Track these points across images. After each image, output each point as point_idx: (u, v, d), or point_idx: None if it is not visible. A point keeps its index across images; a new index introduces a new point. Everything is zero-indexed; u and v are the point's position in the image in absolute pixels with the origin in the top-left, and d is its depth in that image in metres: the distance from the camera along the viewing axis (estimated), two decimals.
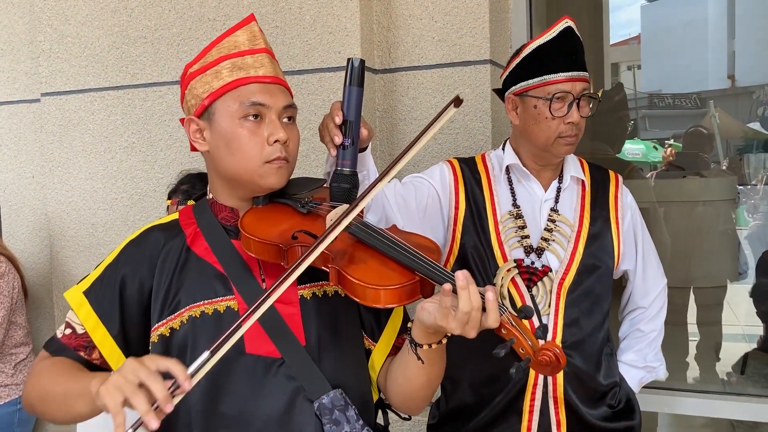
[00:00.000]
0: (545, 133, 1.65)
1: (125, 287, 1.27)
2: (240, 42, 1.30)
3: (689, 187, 4.44)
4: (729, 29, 11.64)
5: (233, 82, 1.25)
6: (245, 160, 1.25)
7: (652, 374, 1.84)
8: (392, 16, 2.23)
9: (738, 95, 11.62)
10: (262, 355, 1.23)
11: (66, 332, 1.28)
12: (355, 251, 1.22)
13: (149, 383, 0.98)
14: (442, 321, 1.09)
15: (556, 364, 1.09)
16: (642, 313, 1.85)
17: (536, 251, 1.69)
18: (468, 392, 1.72)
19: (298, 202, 1.32)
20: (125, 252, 1.31)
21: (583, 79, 1.64)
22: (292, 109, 1.30)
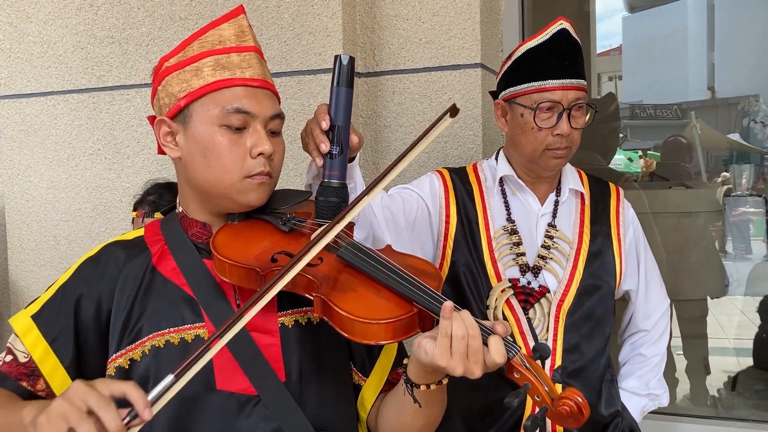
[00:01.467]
0: (532, 144, 1.51)
1: (80, 311, 1.11)
2: (226, 37, 1.14)
3: (674, 198, 4.35)
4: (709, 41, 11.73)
5: (216, 83, 1.09)
6: (223, 173, 1.09)
7: (655, 402, 1.71)
8: (377, 17, 2.09)
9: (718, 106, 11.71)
10: (235, 392, 1.07)
11: (6, 359, 1.10)
12: (343, 277, 1.05)
13: (100, 411, 0.81)
14: (441, 359, 0.94)
15: (578, 416, 0.93)
16: (644, 336, 1.72)
17: (533, 270, 1.55)
18: (459, 426, 1.57)
19: (279, 218, 1.16)
20: (81, 271, 1.15)
21: (577, 87, 1.49)
22: (280, 120, 1.14)
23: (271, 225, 1.15)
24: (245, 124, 1.09)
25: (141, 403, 0.83)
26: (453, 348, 0.93)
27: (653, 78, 12.80)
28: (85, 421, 0.81)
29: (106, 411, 0.81)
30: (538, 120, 1.48)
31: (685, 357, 3.97)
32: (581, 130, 1.53)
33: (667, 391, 1.72)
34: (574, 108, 1.49)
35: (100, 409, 0.81)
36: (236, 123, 1.08)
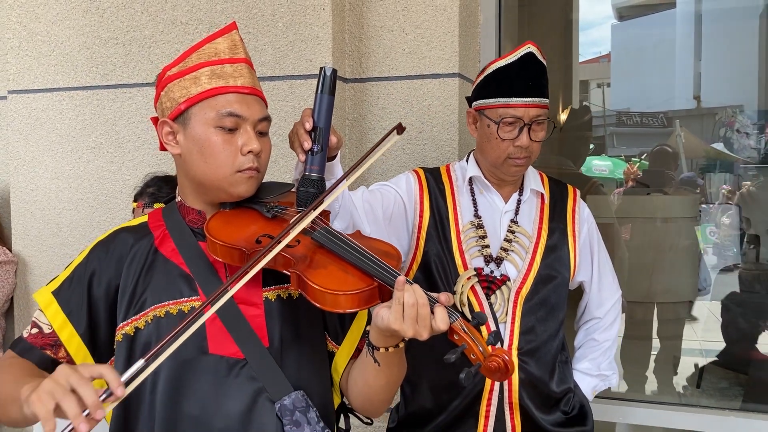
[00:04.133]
0: (495, 152, 1.72)
1: (93, 286, 1.31)
2: (220, 50, 1.33)
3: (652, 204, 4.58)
4: (696, 51, 11.94)
5: (212, 90, 1.29)
6: (217, 168, 1.29)
7: (605, 382, 1.93)
8: (364, 27, 2.30)
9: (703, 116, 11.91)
10: (225, 356, 1.27)
11: (33, 332, 1.30)
12: (316, 256, 1.26)
13: (80, 389, 0.99)
14: (394, 323, 1.13)
15: (504, 371, 1.14)
16: (597, 323, 1.93)
17: (495, 261, 1.76)
18: (427, 397, 1.78)
19: (264, 206, 1.36)
20: (94, 252, 1.35)
21: (537, 105, 1.70)
22: (267, 122, 1.34)
23: (257, 212, 1.36)
24: (237, 126, 1.29)
25: (115, 383, 1.01)
26: (405, 314, 1.13)
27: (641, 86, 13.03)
28: (69, 397, 0.98)
29: (85, 389, 0.99)
30: (501, 132, 1.69)
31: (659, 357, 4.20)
32: (540, 142, 1.74)
33: (616, 373, 1.94)
34: (535, 123, 1.69)
35: (80, 386, 0.99)
36: (229, 125, 1.28)
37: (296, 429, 1.26)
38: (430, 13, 2.23)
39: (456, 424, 1.74)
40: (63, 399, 0.98)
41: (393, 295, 1.15)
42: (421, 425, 1.79)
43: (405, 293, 1.13)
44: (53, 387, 1.00)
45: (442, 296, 1.16)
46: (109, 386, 1.01)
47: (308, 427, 1.27)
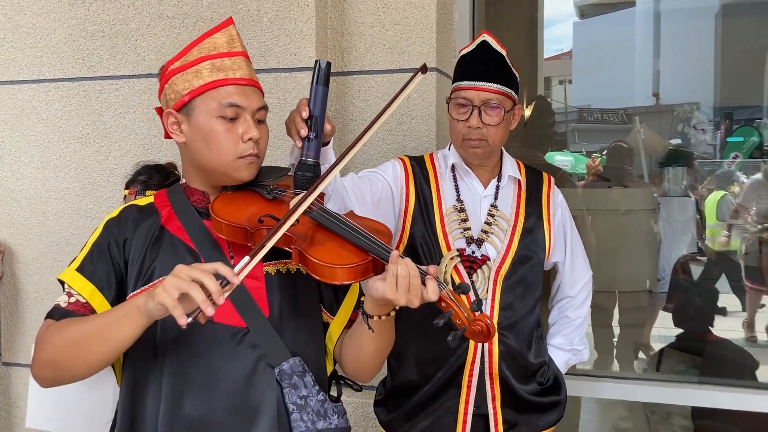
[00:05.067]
0: (454, 134, 1.88)
1: (114, 254, 1.41)
2: (219, 44, 1.44)
3: (614, 196, 4.80)
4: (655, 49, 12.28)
5: (213, 82, 1.39)
6: (221, 155, 1.40)
7: (577, 356, 2.09)
8: (346, 23, 2.42)
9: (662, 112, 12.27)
10: (228, 325, 1.38)
11: (70, 300, 1.38)
12: (315, 234, 1.39)
13: (203, 278, 1.13)
14: (389, 293, 1.26)
15: (486, 333, 1.29)
16: (569, 301, 2.09)
17: (476, 242, 1.91)
18: (413, 369, 1.91)
19: (264, 188, 1.48)
20: (107, 227, 1.45)
21: (489, 89, 1.82)
22: (264, 111, 1.46)
23: (257, 194, 1.48)
24: (237, 115, 1.40)
25: (230, 274, 1.16)
26: (398, 285, 1.26)
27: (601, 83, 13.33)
28: (194, 287, 1.13)
29: (208, 279, 1.14)
30: (453, 113, 1.85)
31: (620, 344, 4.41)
32: (499, 128, 1.86)
33: (587, 348, 2.10)
34: (487, 107, 1.82)
35: (203, 277, 1.14)
36: (230, 114, 1.40)
37: (294, 391, 1.38)
38: (408, 11, 2.36)
39: (440, 394, 1.88)
40: (189, 288, 1.12)
41: (387, 268, 1.27)
42: (407, 396, 1.92)
43: (398, 266, 1.26)
44: (177, 281, 1.14)
45: (431, 268, 1.30)
46: (226, 277, 1.15)
47: (305, 389, 1.39)
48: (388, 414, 1.96)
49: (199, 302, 1.12)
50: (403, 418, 1.93)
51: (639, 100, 12.64)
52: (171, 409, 1.36)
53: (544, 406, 1.95)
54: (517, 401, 1.90)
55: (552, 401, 1.96)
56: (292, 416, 1.38)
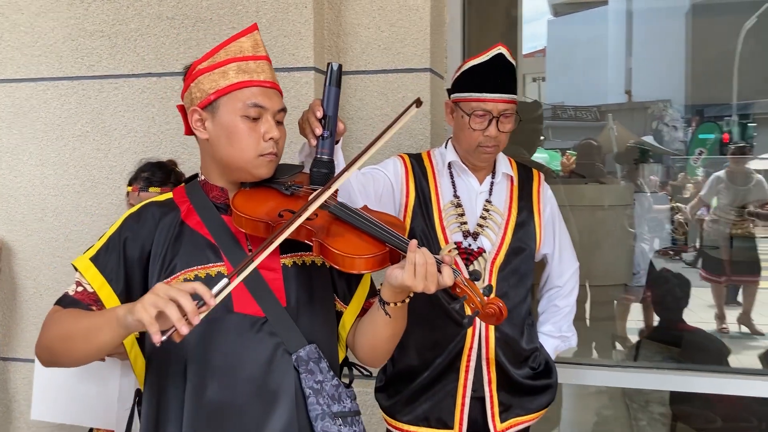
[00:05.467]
0: (467, 141, 1.99)
1: (128, 251, 1.50)
2: (245, 48, 1.53)
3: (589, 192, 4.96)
4: (627, 47, 12.51)
5: (239, 83, 1.48)
6: (243, 152, 1.49)
7: (566, 343, 2.22)
8: (342, 25, 2.53)
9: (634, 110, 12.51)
10: (248, 314, 1.47)
11: (78, 290, 1.48)
12: (334, 227, 1.49)
13: (180, 299, 1.19)
14: (408, 279, 1.36)
15: (499, 315, 1.40)
16: (558, 291, 2.22)
17: (473, 235, 2.03)
18: (413, 356, 2.03)
19: (281, 185, 1.58)
20: (126, 223, 1.54)
21: (506, 100, 1.95)
22: (283, 113, 1.55)
23: (275, 190, 1.57)
24: (260, 115, 1.50)
25: (207, 295, 1.23)
26: (416, 272, 1.36)
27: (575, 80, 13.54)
28: (171, 305, 1.19)
29: (185, 299, 1.20)
30: (473, 123, 1.95)
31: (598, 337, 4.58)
32: (509, 134, 2.01)
33: (575, 334, 2.23)
34: (503, 116, 1.96)
35: (179, 297, 1.20)
36: (253, 114, 1.49)
37: (310, 376, 1.48)
38: (404, 13, 2.47)
39: (440, 379, 2.00)
40: (166, 306, 1.18)
41: (406, 257, 1.38)
42: (408, 382, 2.04)
43: (417, 254, 1.37)
44: (155, 298, 1.20)
45: (446, 258, 1.41)
46: (203, 297, 1.22)
47: (320, 375, 1.49)
48: (389, 399, 2.07)
49: (173, 321, 1.18)
50: (404, 403, 2.04)
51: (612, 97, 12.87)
52: (195, 394, 1.45)
53: (537, 389, 2.07)
54: (511, 385, 2.03)
55: (544, 384, 2.09)
56: (309, 400, 1.48)
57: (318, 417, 1.48)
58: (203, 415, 1.45)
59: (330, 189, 1.48)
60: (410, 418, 2.03)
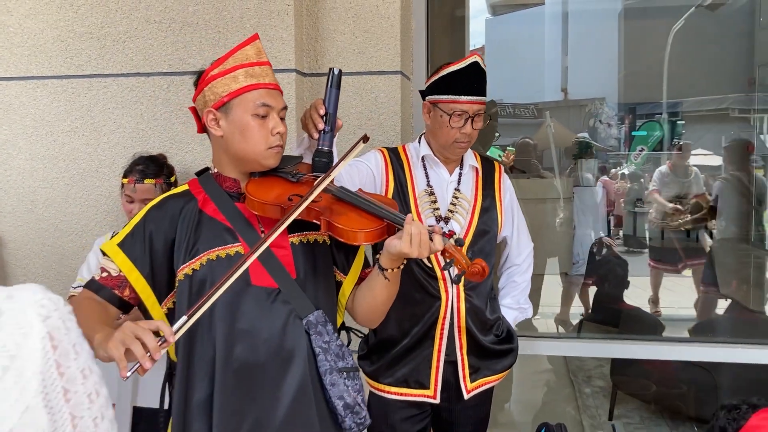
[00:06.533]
0: (445, 137, 2.31)
1: (153, 239, 1.76)
2: (250, 55, 1.81)
3: (533, 186, 5.37)
4: (563, 47, 13.05)
5: (248, 86, 1.76)
6: (255, 145, 1.77)
7: (523, 314, 2.57)
8: (320, 30, 2.82)
9: (570, 107, 13.09)
10: (263, 286, 1.76)
11: (103, 275, 1.75)
12: (337, 207, 1.79)
13: (144, 338, 1.41)
14: (405, 247, 1.66)
15: (482, 272, 1.72)
16: (516, 268, 2.57)
17: (444, 219, 2.35)
18: (393, 326, 2.33)
19: (288, 173, 1.87)
20: (149, 214, 1.80)
21: (479, 102, 2.28)
22: (285, 110, 1.84)
23: (281, 178, 1.86)
24: (267, 113, 1.79)
25: (168, 333, 1.47)
26: (412, 240, 1.67)
27: (513, 78, 14.02)
28: (136, 343, 1.39)
29: (148, 337, 1.41)
30: (452, 122, 2.27)
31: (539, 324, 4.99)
32: (479, 130, 2.34)
33: (531, 306, 2.58)
34: (476, 116, 2.29)
35: (144, 335, 1.41)
36: (262, 112, 1.78)
37: (319, 338, 1.77)
38: (376, 21, 2.78)
39: (417, 346, 2.32)
40: (132, 344, 1.40)
41: (403, 228, 1.69)
42: (388, 349, 2.35)
43: (412, 226, 1.68)
44: (123, 336, 1.41)
45: (436, 228, 1.72)
46: (164, 335, 1.47)
47: (327, 336, 1.79)
48: (372, 365, 2.38)
49: (138, 357, 1.39)
50: (385, 368, 2.35)
51: (549, 95, 13.42)
52: (225, 352, 1.72)
53: (501, 352, 2.42)
54: (479, 349, 2.36)
55: (507, 348, 2.43)
56: (318, 357, 1.77)
57: (326, 372, 1.78)
58: (231, 371, 1.73)
59: (330, 175, 1.78)
60: (391, 380, 2.34)
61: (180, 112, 2.80)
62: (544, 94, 13.73)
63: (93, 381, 0.83)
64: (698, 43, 9.26)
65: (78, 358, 0.81)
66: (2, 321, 0.76)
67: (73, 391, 0.78)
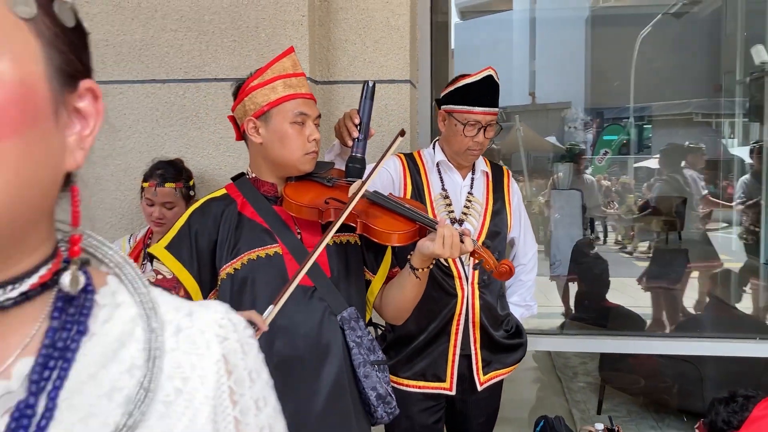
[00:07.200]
0: (459, 145, 2.48)
1: (198, 240, 1.89)
2: (286, 66, 1.96)
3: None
4: (531, 51, 13.35)
5: (286, 96, 1.91)
6: (293, 152, 1.92)
7: (529, 310, 2.75)
8: (332, 40, 2.96)
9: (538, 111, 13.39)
10: (301, 284, 1.90)
11: (158, 277, 1.87)
12: (372, 210, 1.95)
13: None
14: (437, 248, 1.83)
15: (509, 272, 1.90)
16: (523, 268, 2.75)
17: (458, 221, 2.51)
18: (411, 323, 2.47)
19: (324, 178, 2.02)
20: (193, 217, 1.93)
21: (492, 113, 2.45)
22: (319, 118, 1.99)
23: (317, 182, 2.01)
24: (304, 121, 1.94)
25: (260, 321, 1.65)
26: (444, 242, 1.84)
27: None
28: None
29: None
30: (466, 131, 2.44)
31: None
32: (490, 139, 2.51)
33: (536, 304, 2.77)
34: (489, 126, 2.46)
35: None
36: (300, 120, 1.92)
37: (353, 333, 1.92)
38: (386, 31, 2.93)
39: (434, 341, 2.48)
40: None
41: (437, 231, 1.85)
42: (406, 344, 2.50)
43: (445, 229, 1.85)
44: None
45: (465, 231, 1.89)
46: (257, 324, 1.64)
47: (360, 331, 1.94)
48: (390, 360, 2.53)
49: None
50: (404, 362, 2.50)
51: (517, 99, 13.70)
52: (265, 348, 1.85)
53: (511, 347, 2.59)
54: (492, 344, 2.53)
55: (517, 343, 2.61)
56: (353, 351, 1.92)
57: (360, 364, 1.93)
58: (272, 366, 1.86)
59: (368, 182, 1.94)
60: (409, 374, 2.50)
61: (195, 118, 2.92)
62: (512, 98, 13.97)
63: (267, 414, 0.76)
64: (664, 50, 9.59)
65: (253, 387, 0.75)
66: (179, 339, 0.69)
67: (245, 423, 0.72)
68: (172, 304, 0.72)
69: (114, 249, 0.71)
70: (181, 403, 0.66)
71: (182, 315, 0.71)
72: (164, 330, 0.68)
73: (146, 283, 0.69)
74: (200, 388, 0.67)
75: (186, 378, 0.67)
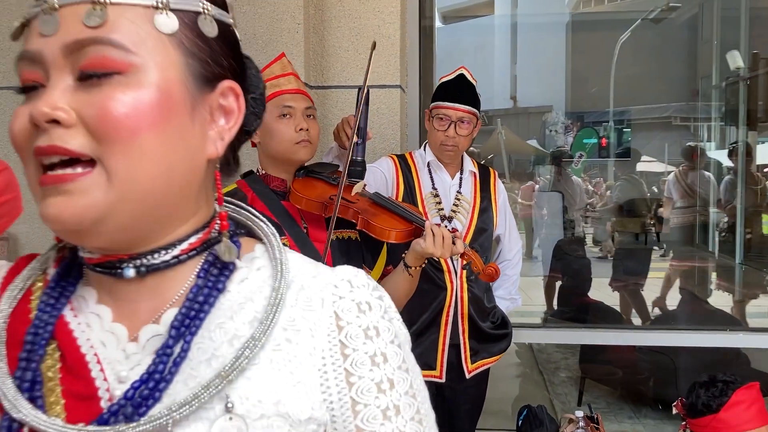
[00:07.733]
0: (434, 139, 2.66)
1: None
2: (275, 71, 2.13)
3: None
4: (512, 55, 13.57)
5: (272, 95, 2.07)
6: (282, 142, 2.06)
7: (514, 303, 2.92)
8: (326, 47, 3.12)
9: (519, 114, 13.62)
10: None
11: None
12: (372, 208, 2.12)
13: None
14: (430, 248, 2.01)
15: (494, 274, 2.08)
16: (508, 263, 2.92)
17: (448, 219, 2.68)
18: (404, 314, 2.62)
19: (329, 177, 2.18)
20: None
21: (462, 109, 2.61)
22: (312, 109, 2.14)
23: (322, 180, 2.17)
24: (291, 114, 2.09)
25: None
26: (436, 242, 2.01)
27: None
28: None
29: None
30: (435, 124, 2.62)
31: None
32: (468, 138, 2.67)
33: (520, 297, 2.95)
34: (460, 122, 2.62)
35: None
36: (285, 113, 2.07)
37: None
38: (377, 39, 3.09)
39: (425, 332, 2.65)
40: None
41: (430, 231, 2.01)
42: None
43: (432, 226, 2.01)
44: None
45: (457, 233, 2.06)
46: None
47: None
48: None
49: None
50: None
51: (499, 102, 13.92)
52: None
53: (497, 336, 2.77)
54: (479, 334, 2.70)
55: (502, 333, 2.78)
56: None
57: None
58: None
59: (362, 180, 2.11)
60: None
61: None
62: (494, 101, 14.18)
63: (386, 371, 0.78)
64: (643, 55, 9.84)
65: (368, 343, 0.78)
66: (299, 296, 0.78)
67: (358, 375, 0.76)
68: (304, 267, 0.83)
69: (266, 222, 0.87)
70: (290, 351, 0.74)
71: (309, 276, 0.81)
72: (289, 288, 0.78)
73: (284, 250, 0.83)
74: (310, 340, 0.75)
75: (297, 330, 0.76)
